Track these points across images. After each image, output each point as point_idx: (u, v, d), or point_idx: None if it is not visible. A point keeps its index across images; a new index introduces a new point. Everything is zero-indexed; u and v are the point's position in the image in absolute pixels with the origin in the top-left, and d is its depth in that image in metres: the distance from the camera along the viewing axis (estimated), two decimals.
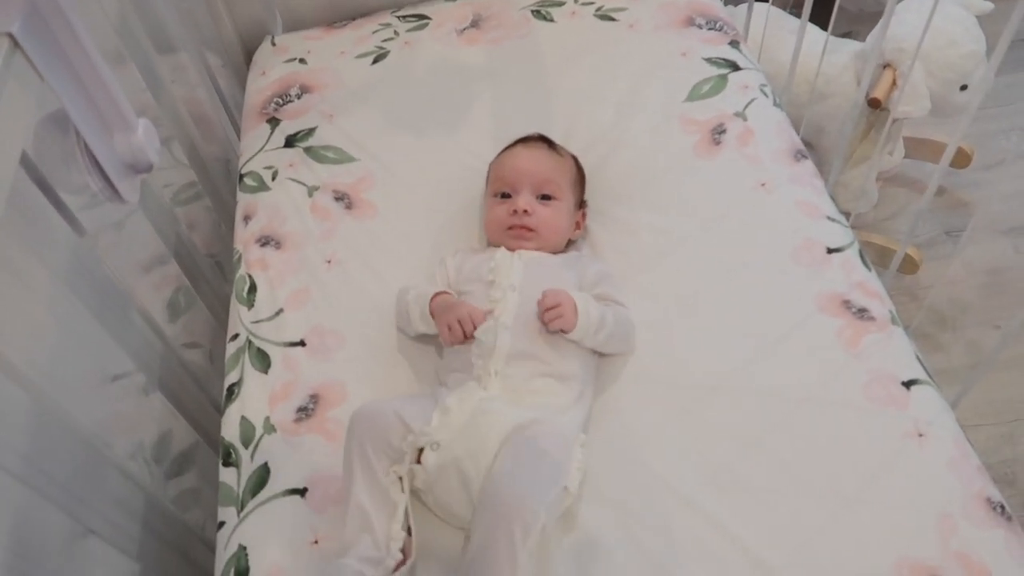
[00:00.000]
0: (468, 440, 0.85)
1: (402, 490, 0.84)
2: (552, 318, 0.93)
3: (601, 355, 1.00)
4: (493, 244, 1.10)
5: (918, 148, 1.86)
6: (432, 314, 0.99)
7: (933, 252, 1.78)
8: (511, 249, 1.06)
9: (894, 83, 1.48)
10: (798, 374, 0.96)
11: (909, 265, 1.69)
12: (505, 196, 1.10)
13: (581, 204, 1.15)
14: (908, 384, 0.93)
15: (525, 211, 1.06)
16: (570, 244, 1.15)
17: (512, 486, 0.79)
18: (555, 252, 1.09)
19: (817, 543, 0.83)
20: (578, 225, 1.14)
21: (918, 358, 0.97)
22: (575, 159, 1.17)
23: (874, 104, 1.48)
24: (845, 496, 0.86)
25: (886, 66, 1.50)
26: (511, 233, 1.07)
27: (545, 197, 1.09)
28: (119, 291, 0.95)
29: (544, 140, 1.17)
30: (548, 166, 1.11)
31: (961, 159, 1.85)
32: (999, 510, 0.84)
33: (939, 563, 0.80)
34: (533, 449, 0.83)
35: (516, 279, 1.00)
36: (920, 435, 0.89)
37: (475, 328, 0.94)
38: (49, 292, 0.79)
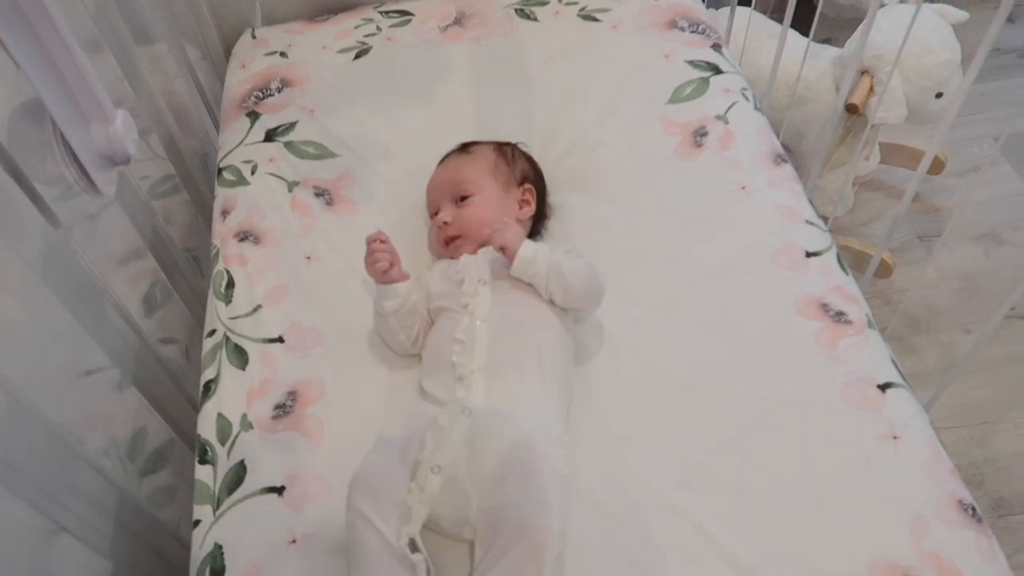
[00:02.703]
0: (467, 460, 0.84)
1: (417, 549, 0.80)
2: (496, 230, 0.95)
3: (576, 347, 1.00)
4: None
5: (894, 154, 1.89)
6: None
7: (906, 256, 1.81)
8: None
9: (871, 89, 1.50)
10: (776, 376, 0.97)
11: (883, 269, 1.72)
12: (436, 215, 1.11)
13: (521, 183, 1.13)
14: (884, 387, 0.95)
15: (445, 223, 1.08)
16: (537, 231, 1.14)
17: (539, 516, 0.78)
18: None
19: (793, 543, 0.84)
20: (525, 203, 1.12)
21: (893, 362, 0.98)
22: (497, 145, 1.16)
23: (852, 110, 1.50)
24: (821, 497, 0.87)
25: (864, 72, 1.52)
26: (448, 248, 1.08)
27: (463, 198, 1.09)
28: (94, 285, 0.93)
29: (461, 147, 1.17)
30: (456, 170, 1.13)
31: (935, 166, 1.88)
32: (970, 512, 0.85)
33: (912, 563, 0.82)
34: (536, 472, 0.82)
35: (485, 273, 1.00)
36: (895, 437, 0.90)
37: (381, 240, 0.99)
38: (22, 285, 0.78)
